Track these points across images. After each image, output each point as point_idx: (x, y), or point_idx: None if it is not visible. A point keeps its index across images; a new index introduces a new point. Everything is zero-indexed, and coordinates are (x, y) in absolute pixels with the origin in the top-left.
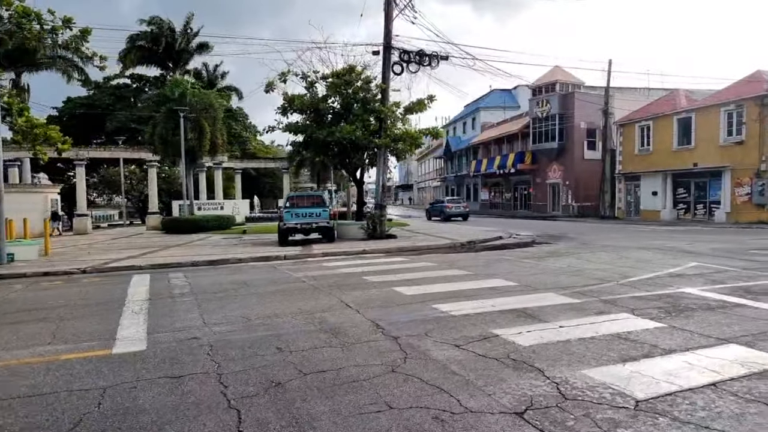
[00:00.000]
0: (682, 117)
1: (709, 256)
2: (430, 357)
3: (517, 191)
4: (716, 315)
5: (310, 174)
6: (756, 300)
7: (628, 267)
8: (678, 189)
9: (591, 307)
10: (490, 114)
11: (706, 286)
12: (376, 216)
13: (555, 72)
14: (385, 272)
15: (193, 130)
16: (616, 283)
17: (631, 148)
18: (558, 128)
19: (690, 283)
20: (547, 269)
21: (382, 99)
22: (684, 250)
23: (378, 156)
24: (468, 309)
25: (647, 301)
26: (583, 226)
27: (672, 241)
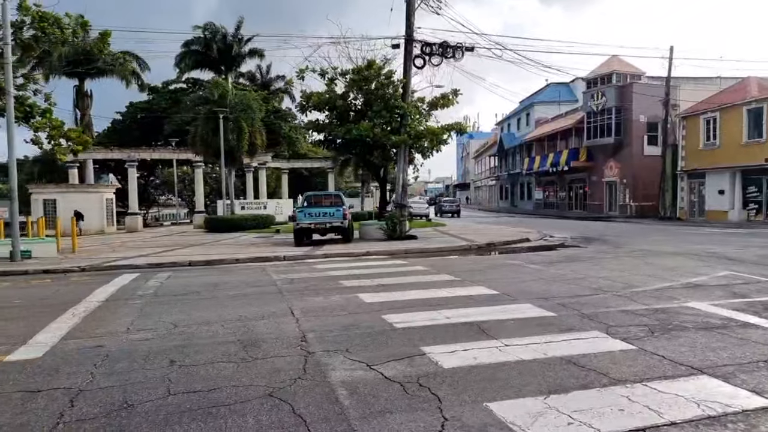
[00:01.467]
0: (753, 108)
1: (750, 264)
2: (326, 378)
3: (572, 190)
4: (709, 336)
5: (354, 173)
6: None
7: (642, 275)
8: (748, 187)
9: (562, 323)
10: (545, 109)
11: (721, 300)
12: (395, 216)
13: (612, 62)
14: (367, 276)
15: (232, 131)
16: (613, 293)
17: (695, 143)
18: (614, 122)
19: (704, 295)
20: (547, 276)
21: (403, 94)
22: (725, 257)
23: (399, 154)
24: (419, 320)
25: (635, 316)
26: (634, 227)
27: (720, 246)
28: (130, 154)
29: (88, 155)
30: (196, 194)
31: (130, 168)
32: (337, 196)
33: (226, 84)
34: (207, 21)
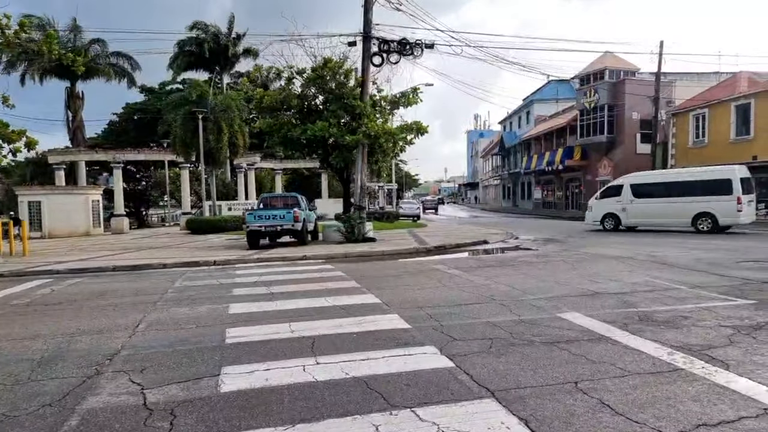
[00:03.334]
0: (741, 104)
1: (678, 269)
2: (76, 406)
3: (569, 189)
4: (546, 353)
5: None
6: (634, 333)
7: (552, 282)
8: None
9: (406, 336)
10: (545, 107)
11: (602, 310)
12: (353, 218)
13: (604, 59)
14: (270, 283)
15: (212, 131)
16: (499, 302)
17: (684, 141)
18: (607, 120)
19: (590, 305)
20: (453, 282)
21: (361, 93)
22: (662, 261)
23: (357, 154)
24: (260, 335)
25: (492, 328)
26: None
27: (672, 249)
28: (115, 156)
29: (73, 157)
30: (182, 195)
31: (115, 169)
32: (293, 197)
33: (205, 85)
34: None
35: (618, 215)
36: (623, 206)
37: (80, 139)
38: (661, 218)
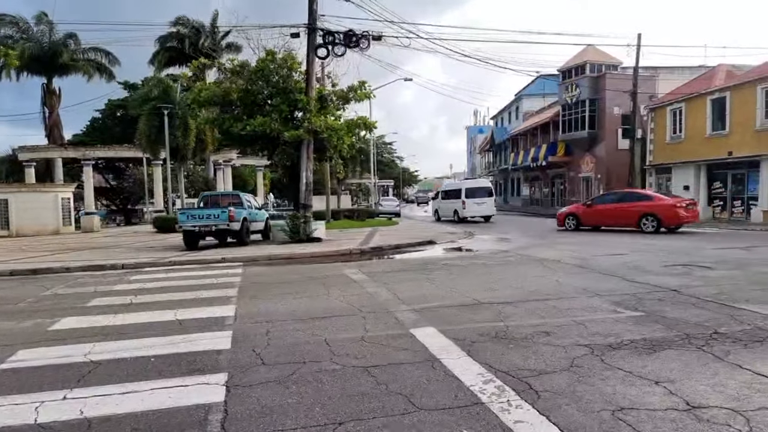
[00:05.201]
0: (716, 97)
1: (598, 275)
2: None
3: (554, 186)
4: (351, 381)
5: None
6: (472, 354)
7: (447, 290)
8: (713, 183)
9: (199, 361)
10: (532, 102)
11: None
12: (297, 217)
13: (586, 52)
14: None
15: (178, 128)
16: (361, 315)
17: (662, 136)
18: (588, 115)
19: (454, 319)
20: (341, 291)
21: (306, 87)
22: (586, 265)
23: (302, 150)
24: (49, 358)
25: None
26: None
27: (615, 249)
28: (85, 153)
29: (43, 154)
30: (155, 193)
31: (85, 167)
32: (236, 196)
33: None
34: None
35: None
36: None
37: (57, 135)
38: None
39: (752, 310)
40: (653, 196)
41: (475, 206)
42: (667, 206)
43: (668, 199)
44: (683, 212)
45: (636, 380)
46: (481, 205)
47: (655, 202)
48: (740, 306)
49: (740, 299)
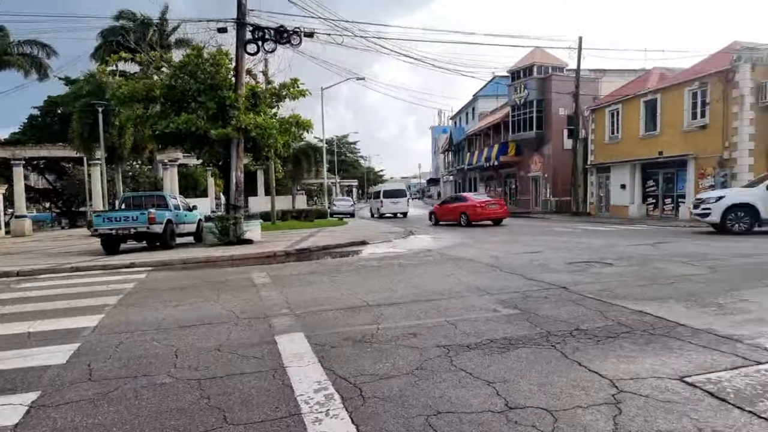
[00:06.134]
0: (649, 99)
1: (500, 273)
2: None
3: (507, 185)
4: (170, 397)
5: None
6: (323, 360)
7: (345, 292)
8: (647, 181)
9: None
10: (487, 103)
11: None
12: (226, 219)
13: (533, 54)
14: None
15: (114, 126)
16: (234, 323)
17: (602, 136)
18: (536, 116)
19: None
20: (235, 296)
21: (235, 84)
22: (495, 264)
23: (231, 149)
24: None
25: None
26: (523, 224)
27: (533, 247)
28: (15, 153)
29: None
30: (93, 195)
31: (15, 167)
32: (160, 197)
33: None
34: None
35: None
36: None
37: None
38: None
39: (624, 306)
40: (467, 198)
41: (391, 205)
42: (471, 206)
43: (474, 201)
44: (481, 210)
45: (471, 382)
46: (396, 204)
47: (466, 203)
48: (615, 302)
49: (620, 295)
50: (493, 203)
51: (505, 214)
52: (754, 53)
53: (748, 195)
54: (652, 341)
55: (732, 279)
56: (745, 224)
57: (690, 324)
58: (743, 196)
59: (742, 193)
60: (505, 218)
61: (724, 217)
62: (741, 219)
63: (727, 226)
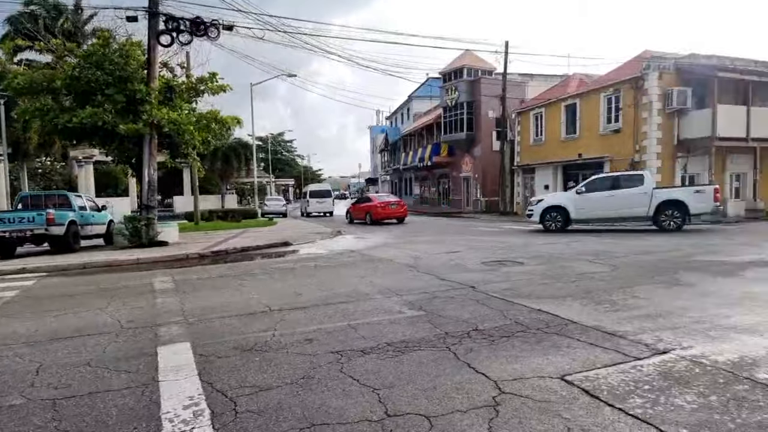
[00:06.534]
0: (569, 104)
1: (416, 274)
2: None
3: (440, 185)
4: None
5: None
6: (204, 373)
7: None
8: (568, 182)
9: None
10: (422, 104)
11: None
12: (137, 219)
13: (464, 57)
14: None
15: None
16: (107, 334)
17: (527, 139)
18: (466, 118)
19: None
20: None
21: (147, 76)
22: (414, 265)
23: (143, 145)
24: None
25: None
26: (446, 223)
27: (453, 247)
28: None
29: None
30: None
31: None
32: (63, 196)
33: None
34: None
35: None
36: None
37: None
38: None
39: (524, 305)
40: (372, 199)
41: (317, 204)
42: (374, 206)
43: (377, 201)
44: (382, 210)
45: (357, 389)
46: (322, 204)
47: (370, 203)
48: (518, 301)
49: (523, 294)
50: (394, 204)
51: (404, 214)
52: (662, 62)
53: (562, 198)
54: (543, 340)
55: (629, 276)
56: (558, 223)
57: (581, 321)
58: (557, 200)
59: (556, 197)
60: (405, 217)
61: (543, 217)
62: (555, 219)
63: (546, 225)
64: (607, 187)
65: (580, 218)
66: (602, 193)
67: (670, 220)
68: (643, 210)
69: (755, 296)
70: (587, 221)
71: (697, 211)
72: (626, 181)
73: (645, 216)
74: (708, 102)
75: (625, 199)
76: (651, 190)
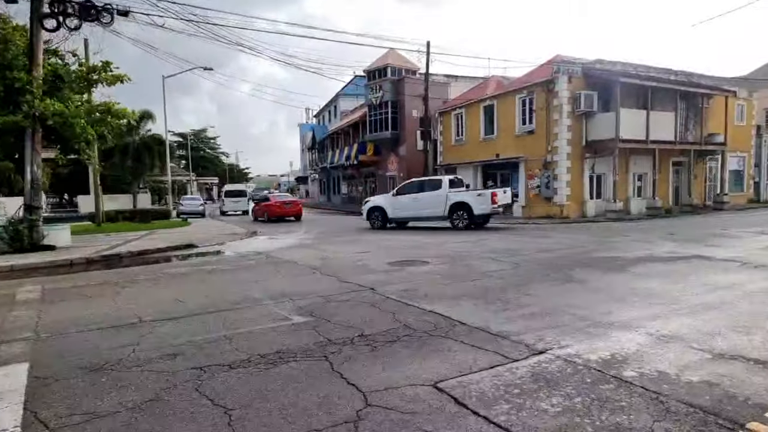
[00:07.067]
0: (487, 105)
1: (322, 276)
2: None
3: (367, 184)
4: None
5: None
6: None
7: (110, 309)
8: (487, 182)
9: None
10: (349, 102)
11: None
12: (19, 222)
13: (388, 56)
14: None
15: None
16: None
17: (449, 138)
18: (391, 117)
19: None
20: None
21: (30, 64)
22: (320, 268)
23: (26, 140)
24: None
25: None
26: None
27: (327, 247)
28: None
29: None
30: None
31: None
32: None
33: None
34: None
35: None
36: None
37: None
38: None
39: (418, 306)
40: (270, 199)
41: (232, 204)
42: (270, 205)
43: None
44: (277, 209)
45: (207, 411)
46: (237, 203)
47: (268, 203)
48: (413, 303)
49: (420, 295)
50: (288, 203)
51: (299, 213)
52: (571, 67)
53: (382, 200)
54: (427, 344)
55: (529, 275)
56: (379, 221)
57: (469, 322)
58: (378, 201)
59: (378, 199)
60: (300, 215)
61: (368, 216)
62: (377, 218)
63: (371, 222)
64: (414, 190)
65: (395, 217)
66: (410, 196)
67: (459, 220)
68: (441, 210)
69: (637, 291)
70: (400, 220)
71: (480, 212)
72: (429, 186)
73: (443, 216)
74: (612, 106)
75: (427, 201)
76: (446, 193)
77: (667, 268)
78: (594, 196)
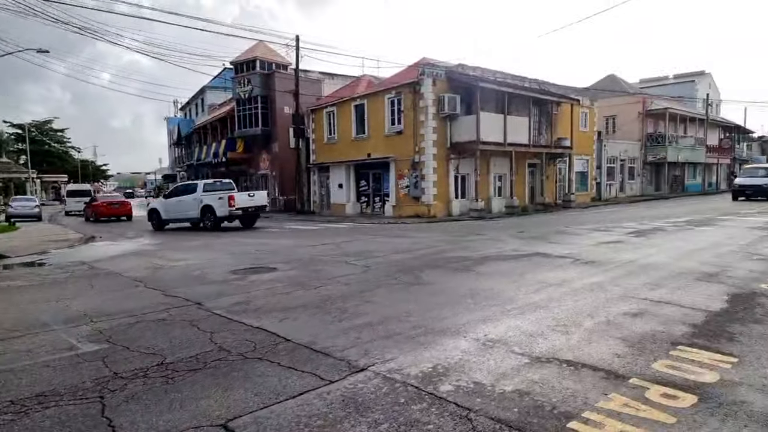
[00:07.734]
0: (358, 104)
1: (145, 289)
2: None
3: (239, 183)
4: None
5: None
6: None
7: None
8: (360, 181)
9: None
10: (217, 95)
11: None
12: None
13: (256, 48)
14: None
15: None
16: None
17: (321, 137)
18: (261, 112)
19: None
20: None
21: None
22: (148, 279)
23: None
24: None
25: None
26: (230, 226)
27: (189, 252)
28: None
29: None
30: None
31: None
32: None
33: None
34: None
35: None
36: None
37: None
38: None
39: (245, 323)
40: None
41: (75, 204)
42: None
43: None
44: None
45: None
46: (78, 203)
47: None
48: (240, 318)
49: (253, 308)
50: (117, 203)
51: (129, 213)
52: (435, 69)
53: (157, 203)
54: (237, 369)
55: (378, 279)
56: (155, 222)
57: (296, 338)
58: (155, 204)
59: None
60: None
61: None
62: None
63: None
64: (180, 193)
65: (168, 218)
66: (176, 198)
67: (207, 221)
68: (195, 212)
69: (476, 292)
70: (171, 221)
71: (221, 213)
72: (190, 190)
73: (197, 217)
74: (474, 109)
75: (187, 203)
76: (200, 196)
77: (509, 266)
78: (459, 195)
